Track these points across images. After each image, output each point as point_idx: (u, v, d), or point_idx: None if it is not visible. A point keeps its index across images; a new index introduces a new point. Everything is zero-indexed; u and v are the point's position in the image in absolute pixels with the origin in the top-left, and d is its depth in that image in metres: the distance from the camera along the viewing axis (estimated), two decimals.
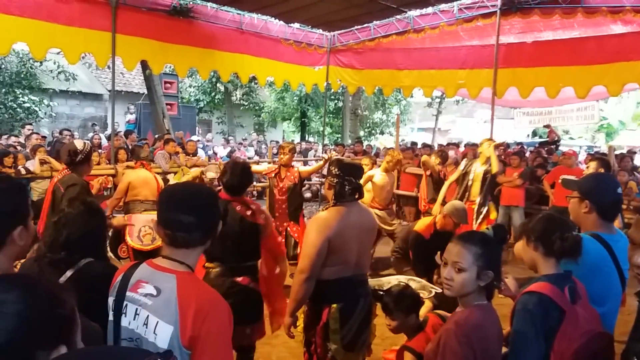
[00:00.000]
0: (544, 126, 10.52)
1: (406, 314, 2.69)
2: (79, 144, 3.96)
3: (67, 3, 7.60)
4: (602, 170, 4.80)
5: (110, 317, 1.67)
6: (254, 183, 9.12)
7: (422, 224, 4.88)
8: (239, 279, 3.13)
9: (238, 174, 3.25)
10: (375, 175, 6.32)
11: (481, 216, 6.33)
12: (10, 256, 1.51)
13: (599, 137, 25.73)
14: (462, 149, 12.27)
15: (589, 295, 2.06)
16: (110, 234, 5.75)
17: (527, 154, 10.20)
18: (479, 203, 6.32)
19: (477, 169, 6.32)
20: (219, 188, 4.21)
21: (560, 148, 11.55)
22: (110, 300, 1.69)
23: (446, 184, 6.65)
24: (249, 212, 3.19)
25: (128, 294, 1.65)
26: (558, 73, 8.55)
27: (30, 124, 11.19)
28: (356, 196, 2.81)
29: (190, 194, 1.75)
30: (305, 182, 11.41)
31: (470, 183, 6.34)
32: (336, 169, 2.80)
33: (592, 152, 12.18)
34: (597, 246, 2.18)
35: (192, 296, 1.55)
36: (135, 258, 5.76)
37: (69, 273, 2.04)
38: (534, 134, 19.35)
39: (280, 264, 3.38)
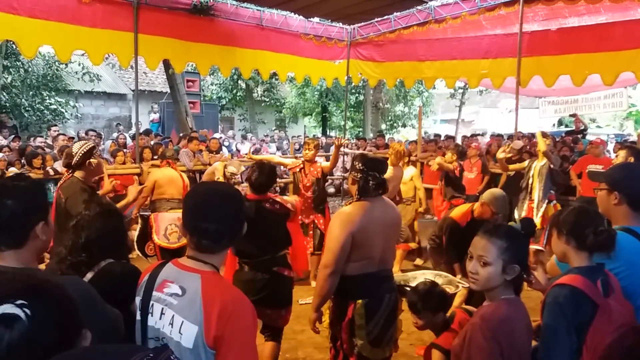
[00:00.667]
0: (570, 115, 10.30)
1: (434, 313, 2.67)
2: (75, 146, 3.89)
3: (89, 5, 7.71)
4: (632, 159, 4.66)
5: (138, 317, 1.69)
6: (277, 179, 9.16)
7: (459, 211, 4.71)
8: (275, 269, 3.45)
9: (266, 174, 3.56)
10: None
11: (541, 211, 6.27)
12: (34, 251, 1.59)
13: (628, 124, 25.06)
14: (487, 139, 12.12)
15: (624, 290, 2.01)
16: (137, 232, 5.85)
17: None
18: (538, 199, 6.26)
19: (537, 166, 6.33)
20: (243, 185, 4.31)
21: (587, 137, 11.30)
22: (138, 299, 1.71)
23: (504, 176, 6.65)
24: (277, 206, 3.57)
25: (154, 293, 1.66)
26: (584, 60, 8.35)
27: (56, 125, 11.41)
28: (380, 191, 2.80)
29: (218, 201, 1.70)
30: (328, 177, 11.46)
31: (531, 181, 6.30)
32: (360, 164, 2.79)
33: (622, 141, 11.84)
34: (633, 241, 2.12)
35: (216, 296, 1.55)
36: (162, 256, 5.84)
37: (89, 275, 2.07)
38: (560, 123, 18.96)
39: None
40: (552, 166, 6.12)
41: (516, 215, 6.74)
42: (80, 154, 3.79)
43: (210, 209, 1.67)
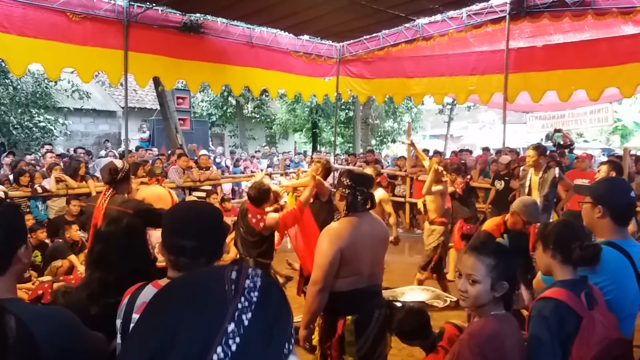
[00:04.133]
0: (555, 130, 10.39)
1: (411, 340, 2.65)
2: (118, 163, 3.99)
3: (79, 23, 7.76)
4: (614, 174, 4.73)
5: (118, 340, 1.66)
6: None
7: (491, 223, 4.57)
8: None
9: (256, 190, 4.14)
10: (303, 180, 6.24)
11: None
12: (16, 276, 1.54)
13: (614, 139, 25.37)
14: (476, 153, 12.20)
15: (609, 304, 2.04)
16: None
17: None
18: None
19: (533, 177, 5.98)
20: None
21: (574, 152, 11.42)
22: (118, 322, 1.68)
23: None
24: (254, 220, 4.05)
25: (134, 315, 1.63)
26: (569, 76, 8.49)
27: (50, 144, 11.34)
28: (368, 206, 2.82)
29: (194, 218, 1.68)
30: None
31: (527, 191, 5.99)
32: (347, 180, 2.80)
33: (608, 155, 11.97)
34: (617, 255, 2.15)
35: None
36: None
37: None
38: (547, 137, 19.17)
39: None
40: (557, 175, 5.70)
41: None
42: (125, 171, 3.91)
43: (186, 225, 1.65)
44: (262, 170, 6.37)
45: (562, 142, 10.25)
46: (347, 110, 20.76)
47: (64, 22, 7.66)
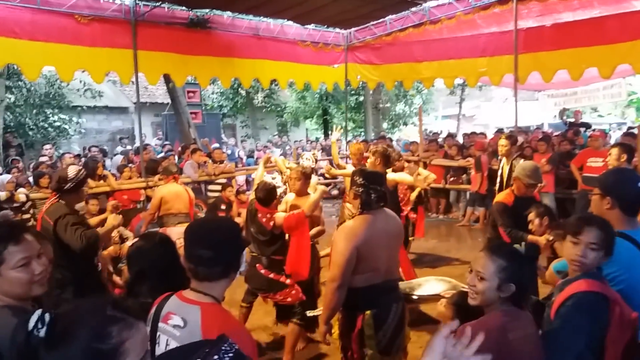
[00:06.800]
0: (563, 110, 10.28)
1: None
2: (71, 170, 3.69)
3: (88, 25, 7.84)
4: (625, 156, 4.72)
5: (147, 347, 1.76)
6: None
7: (501, 196, 4.61)
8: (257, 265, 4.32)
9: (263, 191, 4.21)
10: (347, 169, 6.26)
11: None
12: None
13: (629, 112, 24.99)
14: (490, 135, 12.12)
15: (620, 293, 2.10)
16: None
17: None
18: None
19: (505, 166, 5.89)
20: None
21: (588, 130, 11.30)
22: (147, 329, 1.77)
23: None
24: (264, 220, 4.16)
25: (160, 324, 1.75)
26: (580, 54, 8.37)
27: (49, 144, 11.47)
28: (382, 203, 2.89)
29: (211, 229, 1.83)
30: (332, 180, 11.54)
31: (499, 180, 5.94)
32: (360, 179, 2.87)
33: (622, 135, 11.78)
34: (628, 245, 2.21)
35: (215, 327, 1.60)
36: None
37: None
38: (560, 115, 19.01)
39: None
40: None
41: None
42: (76, 181, 3.65)
43: (203, 237, 1.79)
44: (307, 159, 6.32)
45: (574, 121, 10.16)
46: (357, 96, 20.69)
47: (73, 24, 7.75)
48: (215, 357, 0.81)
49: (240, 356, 0.83)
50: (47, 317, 1.05)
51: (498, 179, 5.97)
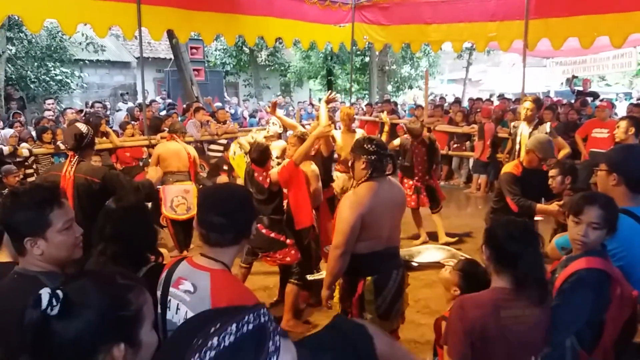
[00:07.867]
0: (572, 76, 10.12)
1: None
2: (83, 127, 3.63)
3: None
4: (633, 130, 4.68)
5: (158, 310, 1.80)
6: None
7: (509, 166, 4.59)
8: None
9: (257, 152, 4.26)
10: (335, 136, 6.11)
11: None
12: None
13: (637, 82, 24.68)
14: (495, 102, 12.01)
15: (620, 269, 2.14)
16: (150, 205, 5.98)
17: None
18: None
19: (524, 131, 5.81)
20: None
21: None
22: (158, 294, 1.82)
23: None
24: (260, 178, 4.23)
25: (171, 289, 1.78)
26: (592, 22, 8.19)
27: (52, 98, 11.38)
28: (391, 170, 2.90)
29: (223, 196, 1.84)
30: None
31: (518, 147, 5.86)
32: (372, 146, 2.83)
33: (635, 103, 11.63)
34: (630, 222, 2.22)
35: (224, 293, 1.65)
36: (173, 227, 6.02)
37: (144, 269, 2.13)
38: (567, 83, 18.79)
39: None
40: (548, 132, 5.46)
41: None
42: (90, 137, 3.61)
43: (216, 203, 1.81)
44: (274, 123, 6.26)
45: (582, 89, 10.04)
46: (362, 57, 20.39)
47: None
48: (233, 326, 0.80)
49: (262, 329, 0.82)
50: (59, 293, 1.06)
51: (517, 145, 5.80)
